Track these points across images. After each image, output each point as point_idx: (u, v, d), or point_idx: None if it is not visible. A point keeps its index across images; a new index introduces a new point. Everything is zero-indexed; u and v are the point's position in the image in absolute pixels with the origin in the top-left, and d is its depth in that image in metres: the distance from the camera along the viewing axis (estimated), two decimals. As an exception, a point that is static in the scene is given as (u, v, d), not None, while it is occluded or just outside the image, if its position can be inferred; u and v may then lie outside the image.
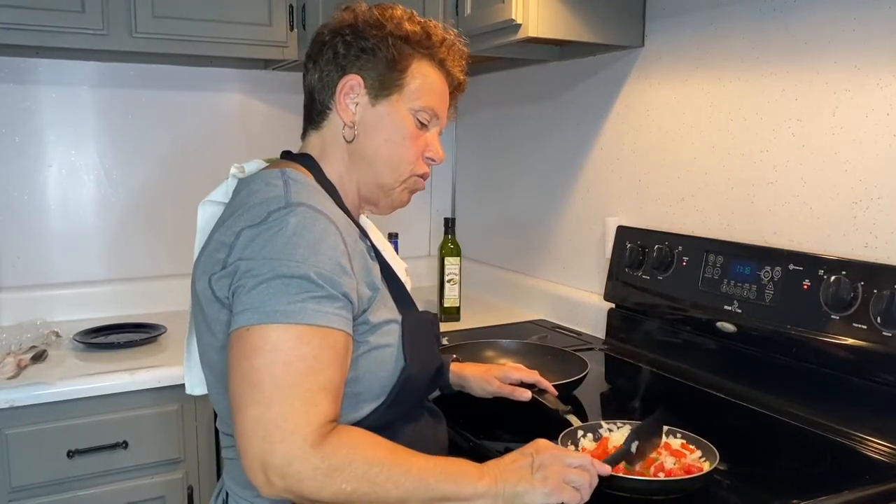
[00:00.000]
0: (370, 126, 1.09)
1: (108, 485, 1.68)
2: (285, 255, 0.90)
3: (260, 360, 0.87)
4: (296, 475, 0.84)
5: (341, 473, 0.86)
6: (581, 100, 2.06)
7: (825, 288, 1.33)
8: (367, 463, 0.87)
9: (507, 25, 1.65)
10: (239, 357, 0.89)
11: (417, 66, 1.09)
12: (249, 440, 0.85)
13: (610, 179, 1.97)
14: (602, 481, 0.99)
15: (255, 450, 0.85)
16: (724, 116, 1.62)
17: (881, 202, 1.34)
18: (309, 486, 0.85)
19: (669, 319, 1.69)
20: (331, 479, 0.85)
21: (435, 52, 1.11)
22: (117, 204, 2.24)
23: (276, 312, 0.88)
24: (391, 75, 1.08)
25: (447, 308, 2.14)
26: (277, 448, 0.84)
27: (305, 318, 0.88)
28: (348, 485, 0.86)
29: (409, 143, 1.10)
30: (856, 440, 1.28)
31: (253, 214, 0.95)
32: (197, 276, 1.01)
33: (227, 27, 2.00)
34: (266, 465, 0.84)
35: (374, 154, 1.09)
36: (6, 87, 2.07)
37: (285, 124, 2.41)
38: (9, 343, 1.80)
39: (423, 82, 1.10)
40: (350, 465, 0.86)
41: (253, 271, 0.90)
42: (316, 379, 0.88)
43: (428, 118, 1.12)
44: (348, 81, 1.08)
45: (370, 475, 0.87)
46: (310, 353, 0.88)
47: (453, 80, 1.15)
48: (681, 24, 1.72)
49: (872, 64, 1.34)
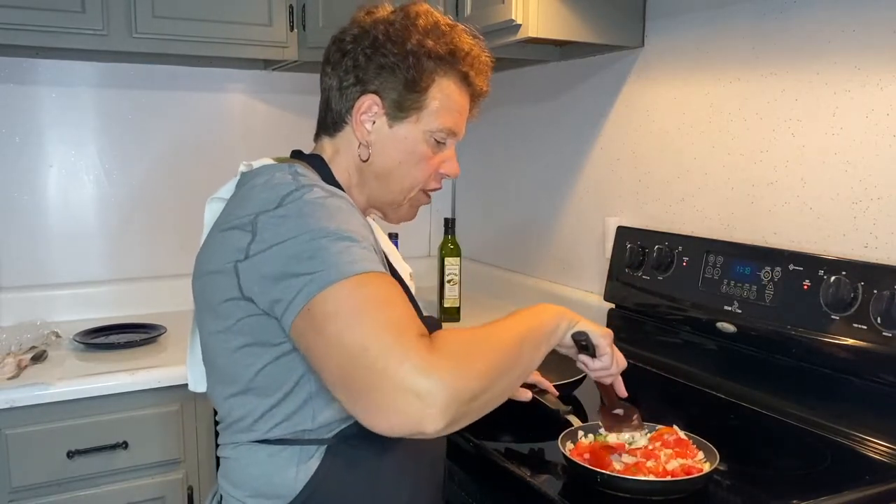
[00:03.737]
0: (385, 147, 1.08)
1: (108, 485, 1.68)
2: (315, 227, 0.89)
3: (334, 326, 0.84)
4: (439, 380, 0.80)
5: (468, 356, 0.85)
6: (581, 100, 2.06)
7: (825, 288, 1.33)
8: (475, 338, 0.90)
9: (507, 26, 1.65)
10: (316, 336, 0.86)
11: (438, 84, 1.06)
12: (378, 390, 0.80)
13: (610, 179, 1.97)
14: (603, 481, 0.99)
15: (392, 393, 0.79)
16: (724, 116, 1.62)
17: (881, 202, 1.34)
18: (457, 383, 0.81)
19: (669, 320, 1.69)
20: (464, 364, 0.84)
21: (459, 68, 1.08)
22: (117, 204, 2.24)
23: (341, 270, 0.85)
24: (410, 96, 1.05)
25: (447, 308, 2.15)
26: (403, 371, 0.79)
27: (355, 268, 0.86)
28: (478, 362, 0.86)
29: (422, 165, 1.09)
30: (856, 440, 1.28)
31: (266, 200, 0.93)
32: (201, 273, 1.00)
33: (227, 27, 2.00)
34: (413, 392, 0.79)
35: (387, 174, 1.09)
36: (6, 87, 2.07)
37: (285, 124, 2.41)
38: (9, 343, 1.80)
39: (442, 103, 1.07)
40: (466, 345, 0.87)
41: (287, 250, 0.88)
42: (392, 310, 0.85)
43: (445, 137, 1.10)
44: (366, 101, 1.06)
45: (485, 346, 0.89)
46: (373, 293, 0.86)
47: (476, 92, 1.13)
48: (681, 24, 1.72)
49: (872, 64, 1.34)
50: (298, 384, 0.96)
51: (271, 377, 0.96)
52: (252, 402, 0.98)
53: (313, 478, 0.97)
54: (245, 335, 0.95)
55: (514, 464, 1.20)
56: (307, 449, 0.98)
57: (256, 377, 0.97)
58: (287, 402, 0.97)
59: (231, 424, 1.02)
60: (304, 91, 2.43)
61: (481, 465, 1.26)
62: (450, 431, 0.83)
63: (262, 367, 0.96)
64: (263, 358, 0.95)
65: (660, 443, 1.16)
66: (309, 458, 0.97)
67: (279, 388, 0.96)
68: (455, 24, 1.11)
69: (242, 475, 1.01)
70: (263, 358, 0.95)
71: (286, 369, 0.95)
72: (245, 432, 1.00)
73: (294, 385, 0.96)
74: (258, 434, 0.98)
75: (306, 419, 0.97)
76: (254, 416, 0.98)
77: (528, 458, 1.25)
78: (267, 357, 0.95)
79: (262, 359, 0.95)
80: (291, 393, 0.96)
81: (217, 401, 1.05)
